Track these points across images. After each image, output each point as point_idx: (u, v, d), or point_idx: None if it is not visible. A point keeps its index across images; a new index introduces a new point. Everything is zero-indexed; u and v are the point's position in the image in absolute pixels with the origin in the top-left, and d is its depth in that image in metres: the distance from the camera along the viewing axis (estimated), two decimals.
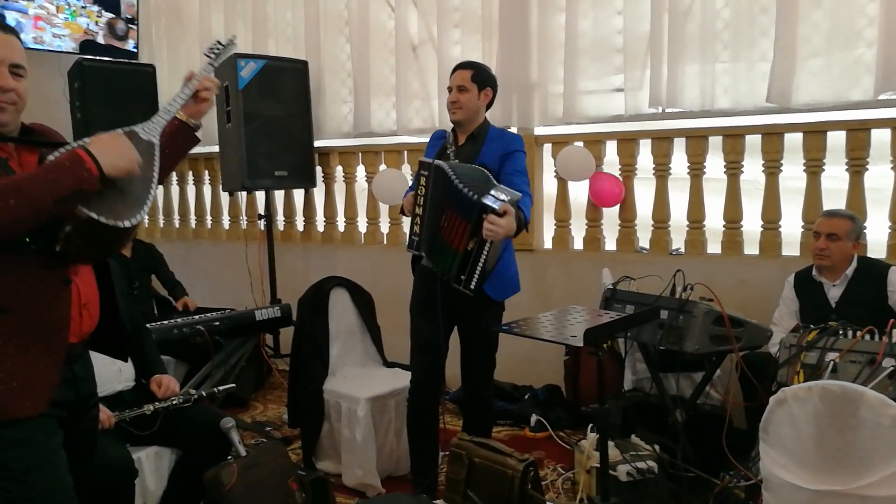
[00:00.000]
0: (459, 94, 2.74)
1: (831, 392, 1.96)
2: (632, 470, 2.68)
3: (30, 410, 1.61)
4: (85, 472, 1.90)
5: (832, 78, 3.32)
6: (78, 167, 1.50)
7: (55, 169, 1.50)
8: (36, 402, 1.62)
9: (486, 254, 2.40)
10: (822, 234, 2.99)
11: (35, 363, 1.61)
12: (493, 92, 2.80)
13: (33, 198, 1.46)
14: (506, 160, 2.68)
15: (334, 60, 4.78)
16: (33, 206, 1.47)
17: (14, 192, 1.46)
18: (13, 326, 1.58)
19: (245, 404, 4.23)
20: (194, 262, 5.43)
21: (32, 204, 1.46)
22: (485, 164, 2.63)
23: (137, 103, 4.86)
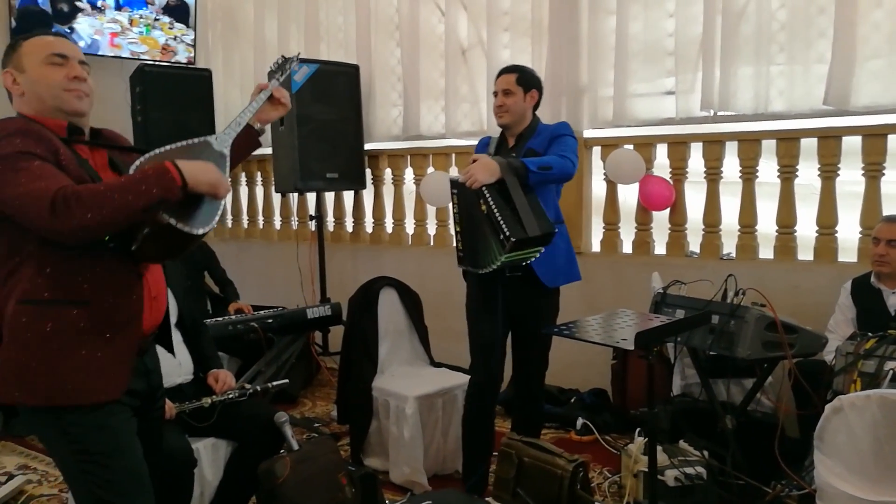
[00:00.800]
0: (505, 98, 2.78)
1: (891, 401, 1.93)
2: (680, 475, 2.67)
3: (108, 395, 1.72)
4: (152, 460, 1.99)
5: (893, 80, 3.23)
6: (165, 178, 1.61)
7: (147, 178, 1.60)
8: (113, 388, 1.72)
9: (492, 200, 2.46)
10: (882, 239, 2.92)
11: (112, 352, 1.72)
12: (538, 93, 2.83)
13: (127, 203, 1.57)
14: (553, 143, 2.72)
15: (384, 64, 4.85)
16: (126, 211, 1.58)
17: (111, 197, 1.57)
18: (92, 318, 1.68)
19: (294, 401, 4.32)
20: (246, 261, 5.57)
21: (126, 209, 1.58)
22: (532, 150, 2.69)
23: (195, 107, 5.03)
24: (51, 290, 1.67)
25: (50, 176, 1.61)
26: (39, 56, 1.74)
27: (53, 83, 1.73)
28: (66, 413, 1.69)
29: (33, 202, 1.56)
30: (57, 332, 1.66)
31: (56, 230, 1.58)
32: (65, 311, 1.67)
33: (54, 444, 1.75)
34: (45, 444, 1.82)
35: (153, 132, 4.76)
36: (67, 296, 1.68)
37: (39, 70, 1.73)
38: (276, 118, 2.03)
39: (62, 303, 1.67)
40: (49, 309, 1.67)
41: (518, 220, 2.48)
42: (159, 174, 1.61)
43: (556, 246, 2.73)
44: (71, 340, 1.67)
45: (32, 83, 1.74)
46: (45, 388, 1.67)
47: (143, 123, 4.82)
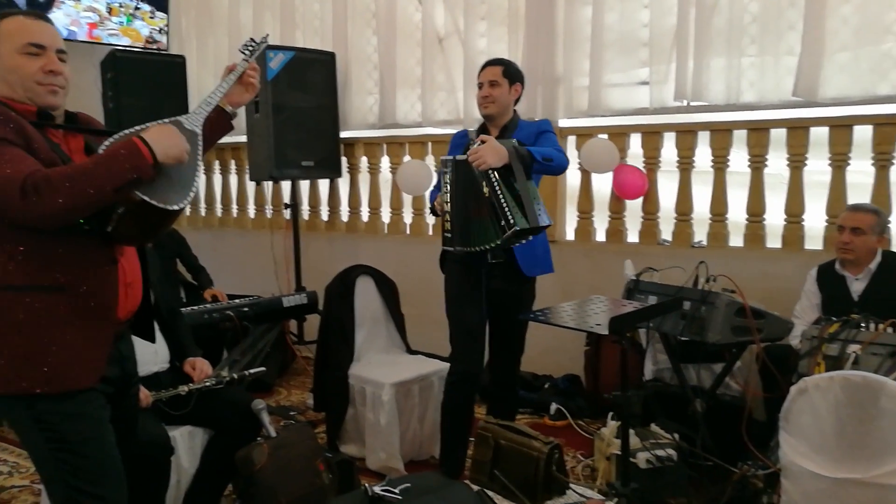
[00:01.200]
0: (492, 89, 2.82)
1: (853, 382, 1.99)
2: (651, 458, 2.73)
3: (83, 383, 1.70)
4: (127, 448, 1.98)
5: (860, 72, 3.31)
6: (135, 156, 1.60)
7: (115, 157, 1.59)
8: (88, 375, 1.71)
9: (498, 185, 2.49)
10: (846, 227, 3.00)
11: (88, 338, 1.70)
12: (521, 87, 2.90)
13: (97, 185, 1.56)
14: (539, 137, 2.82)
15: (361, 52, 4.84)
16: (97, 193, 1.57)
17: (80, 179, 1.56)
18: (68, 303, 1.67)
19: (269, 389, 4.31)
20: (220, 250, 5.53)
21: (98, 190, 1.57)
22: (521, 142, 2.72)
23: (168, 94, 4.96)
24: (24, 276, 1.64)
25: (19, 160, 1.58)
26: (16, 43, 1.69)
27: (27, 75, 1.69)
28: (40, 401, 1.67)
29: (2, 188, 1.54)
30: (31, 318, 1.64)
31: (28, 215, 1.56)
32: (39, 296, 1.65)
33: (27, 433, 1.74)
34: (17, 433, 1.80)
35: (125, 119, 4.68)
36: (42, 281, 1.66)
37: (14, 59, 1.69)
38: (247, 100, 1.98)
39: (36, 289, 1.65)
40: (23, 295, 1.64)
41: (521, 208, 2.52)
42: (130, 152, 1.60)
43: (536, 239, 2.79)
44: (46, 327, 1.65)
45: (5, 70, 1.70)
46: (19, 375, 1.65)
47: (115, 110, 4.75)
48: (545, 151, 2.66)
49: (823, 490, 2.05)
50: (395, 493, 1.68)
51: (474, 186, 2.55)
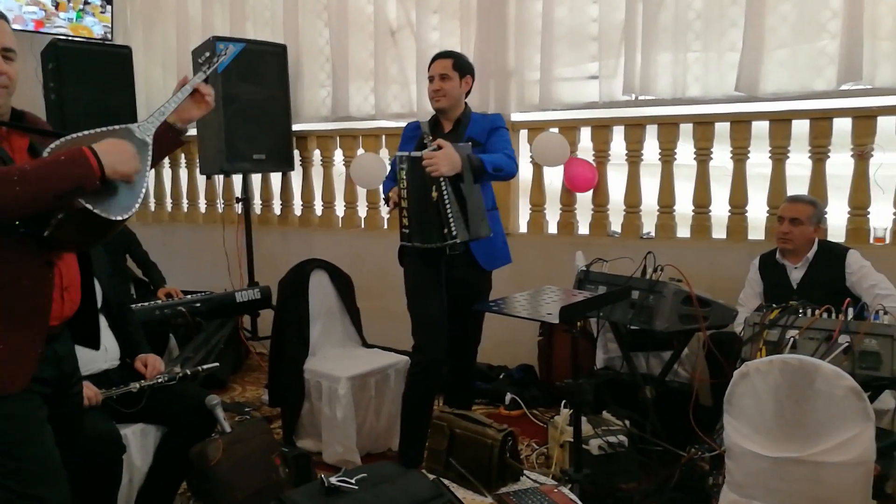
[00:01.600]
0: (442, 83, 2.83)
1: (790, 365, 2.08)
2: (603, 444, 2.80)
3: (12, 387, 1.65)
4: (73, 447, 1.94)
5: (797, 68, 3.45)
6: (82, 165, 1.55)
7: (60, 164, 1.54)
8: (17, 379, 1.65)
9: (447, 194, 2.55)
10: (785, 218, 3.12)
11: (17, 343, 1.65)
12: (472, 80, 2.92)
13: (37, 189, 1.51)
14: (492, 134, 2.84)
15: (313, 44, 4.80)
16: (35, 197, 1.52)
17: (20, 181, 1.50)
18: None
19: (224, 386, 4.26)
20: (171, 245, 5.42)
21: (35, 194, 1.51)
22: (473, 139, 2.77)
23: (114, 86, 4.84)
24: None
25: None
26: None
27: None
28: None
29: None
30: None
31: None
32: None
33: None
34: None
35: (69, 111, 4.57)
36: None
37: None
38: (198, 117, 1.91)
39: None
40: None
41: (465, 220, 2.59)
42: (75, 160, 1.55)
43: (495, 232, 2.85)
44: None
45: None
46: None
47: (58, 102, 4.61)
48: (496, 160, 2.70)
49: (764, 469, 2.13)
50: (351, 483, 1.69)
51: (426, 187, 2.59)
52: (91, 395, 2.31)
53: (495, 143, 2.81)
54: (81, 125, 1.72)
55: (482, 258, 2.88)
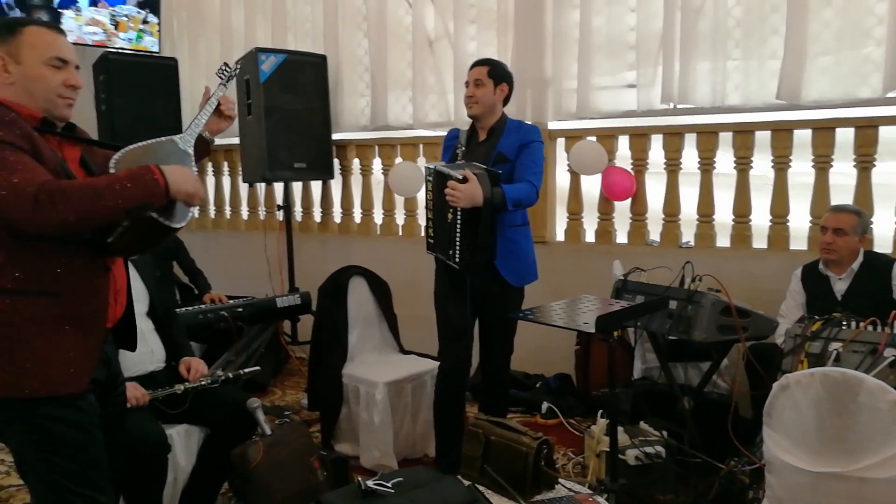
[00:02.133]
0: (476, 89, 2.85)
1: (832, 378, 2.05)
2: (640, 454, 2.79)
3: (78, 387, 1.73)
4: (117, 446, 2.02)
5: (841, 76, 3.39)
6: (151, 185, 1.65)
7: (130, 181, 1.64)
8: (82, 379, 1.74)
9: (459, 223, 2.60)
10: (828, 228, 3.07)
11: (80, 344, 1.73)
12: (508, 88, 2.91)
13: (111, 204, 1.61)
14: (522, 150, 2.81)
15: (352, 55, 4.88)
16: (110, 211, 1.62)
17: (96, 196, 1.60)
18: (62, 310, 1.69)
19: (264, 389, 4.35)
20: (213, 251, 5.55)
21: (109, 209, 1.61)
22: (502, 155, 2.76)
23: (160, 96, 4.99)
24: (22, 280, 1.66)
25: (30, 168, 1.60)
26: (42, 55, 1.72)
27: (50, 87, 1.73)
28: (39, 405, 1.68)
29: (15, 195, 1.55)
30: (28, 322, 1.66)
31: (36, 224, 1.58)
32: (36, 301, 1.67)
33: (20, 436, 1.74)
34: (7, 436, 1.79)
35: (118, 121, 4.72)
36: (38, 287, 1.68)
37: (38, 69, 1.72)
38: (225, 128, 2.06)
39: (34, 293, 1.67)
40: (21, 299, 1.66)
41: (472, 249, 2.67)
42: (146, 180, 1.65)
43: (521, 247, 2.87)
44: (41, 332, 1.67)
45: (28, 79, 1.72)
46: (19, 380, 1.66)
47: (108, 112, 4.78)
48: (518, 195, 2.69)
49: (805, 484, 2.10)
50: (387, 487, 1.72)
51: (445, 205, 2.65)
52: (139, 395, 2.40)
53: (523, 164, 2.78)
54: (130, 135, 1.84)
55: (509, 275, 2.85)
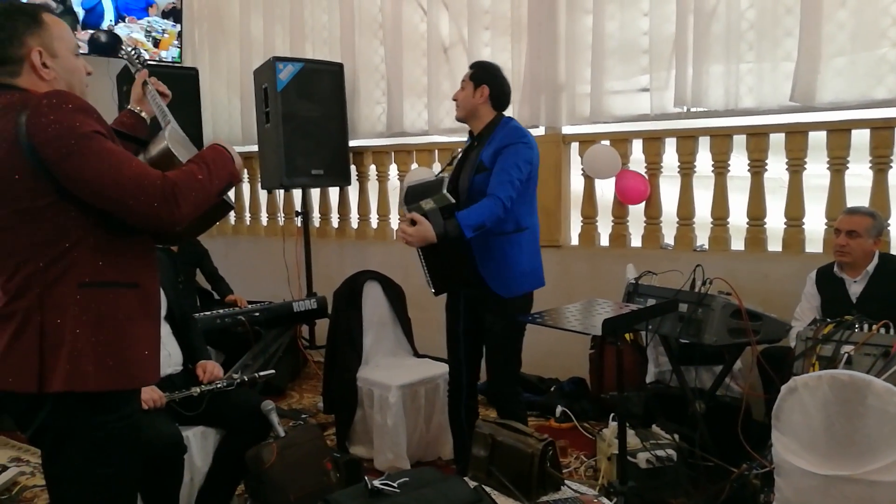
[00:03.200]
0: (459, 92, 2.84)
1: (840, 381, 2.04)
2: (651, 458, 2.79)
3: (153, 378, 1.73)
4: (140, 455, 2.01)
5: (856, 77, 3.36)
6: (229, 163, 1.72)
7: (215, 163, 1.68)
8: (157, 371, 1.74)
9: (421, 257, 2.68)
10: (842, 231, 3.05)
11: (155, 333, 1.73)
12: (489, 89, 2.75)
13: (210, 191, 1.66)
14: (498, 156, 2.68)
15: (368, 62, 4.95)
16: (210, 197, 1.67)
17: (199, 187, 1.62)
18: (140, 300, 1.68)
19: (282, 393, 4.41)
20: (234, 257, 5.65)
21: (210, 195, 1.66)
22: (482, 164, 2.71)
23: (181, 105, 5.05)
24: (109, 273, 1.62)
25: (139, 162, 1.60)
26: (70, 46, 1.69)
27: (83, 79, 1.72)
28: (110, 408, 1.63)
29: (142, 189, 1.53)
30: (122, 313, 1.63)
31: (164, 222, 1.56)
32: (123, 292, 1.64)
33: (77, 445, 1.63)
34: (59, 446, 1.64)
35: None
36: (123, 278, 1.65)
37: (73, 61, 1.69)
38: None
39: (120, 284, 1.64)
40: (113, 290, 1.62)
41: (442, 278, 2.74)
42: (224, 157, 1.70)
43: (508, 256, 2.73)
44: (132, 322, 1.65)
45: (67, 72, 1.67)
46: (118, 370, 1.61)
47: None
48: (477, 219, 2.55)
49: (814, 487, 2.09)
50: (393, 487, 1.76)
51: None
52: (156, 397, 2.46)
53: (495, 173, 2.65)
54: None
55: (495, 284, 2.73)
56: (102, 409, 1.62)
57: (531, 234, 2.80)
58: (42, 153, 1.50)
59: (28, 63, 1.61)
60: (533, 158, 2.73)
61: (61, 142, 1.50)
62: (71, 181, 1.52)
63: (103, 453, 1.65)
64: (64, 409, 1.59)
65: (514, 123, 2.82)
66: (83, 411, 1.60)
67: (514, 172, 2.65)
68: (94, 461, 1.64)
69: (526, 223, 2.78)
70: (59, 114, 1.51)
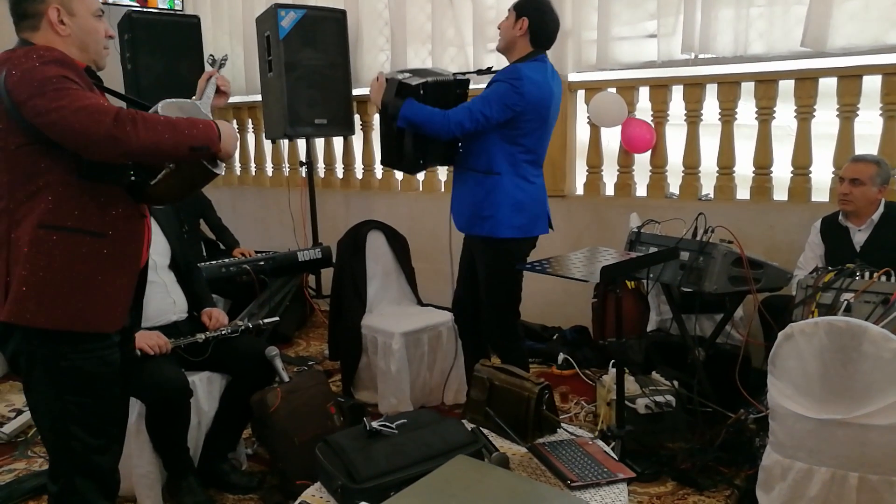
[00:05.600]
0: (502, 21, 2.80)
1: (836, 327, 2.05)
2: (650, 403, 2.84)
3: (112, 326, 1.82)
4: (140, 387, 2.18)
5: (869, 21, 3.27)
6: (211, 132, 1.76)
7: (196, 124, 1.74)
8: (117, 319, 1.83)
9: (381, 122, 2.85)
10: (846, 178, 3.02)
11: (120, 285, 1.82)
12: (528, 21, 2.70)
13: (180, 137, 1.69)
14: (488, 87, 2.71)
15: (371, 9, 4.86)
16: (178, 143, 1.69)
17: (169, 127, 1.68)
18: (109, 249, 1.77)
19: (289, 341, 4.48)
20: (240, 208, 5.67)
21: (178, 141, 1.69)
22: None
23: (184, 54, 5.04)
24: (73, 218, 1.72)
25: (103, 98, 1.68)
26: (90, 6, 1.79)
27: (100, 39, 1.81)
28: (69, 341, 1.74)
29: (95, 115, 1.60)
30: (78, 258, 1.72)
31: (113, 140, 1.61)
32: (86, 239, 1.74)
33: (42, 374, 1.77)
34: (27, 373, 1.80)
35: (143, 79, 4.80)
36: (87, 226, 1.74)
37: (91, 21, 1.79)
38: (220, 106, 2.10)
39: (83, 232, 1.73)
40: (73, 236, 1.72)
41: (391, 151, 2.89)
42: (208, 126, 1.76)
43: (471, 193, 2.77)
44: (91, 269, 1.74)
45: (83, 31, 1.78)
46: (58, 312, 1.71)
47: (133, 70, 4.85)
48: (420, 117, 2.64)
49: (808, 430, 2.12)
50: (391, 428, 1.80)
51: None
52: (161, 343, 2.50)
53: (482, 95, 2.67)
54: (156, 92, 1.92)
55: (455, 217, 2.87)
56: (63, 341, 1.74)
57: (510, 183, 2.71)
58: (12, 96, 1.62)
59: (46, 19, 1.74)
60: (516, 104, 2.63)
61: (28, 84, 1.61)
62: (36, 118, 1.61)
63: (68, 382, 1.77)
64: (29, 337, 1.74)
65: (537, 65, 2.72)
66: (47, 341, 1.74)
67: (480, 105, 2.64)
68: (59, 388, 1.77)
69: (499, 169, 2.71)
70: (30, 62, 1.63)
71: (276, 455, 2.61)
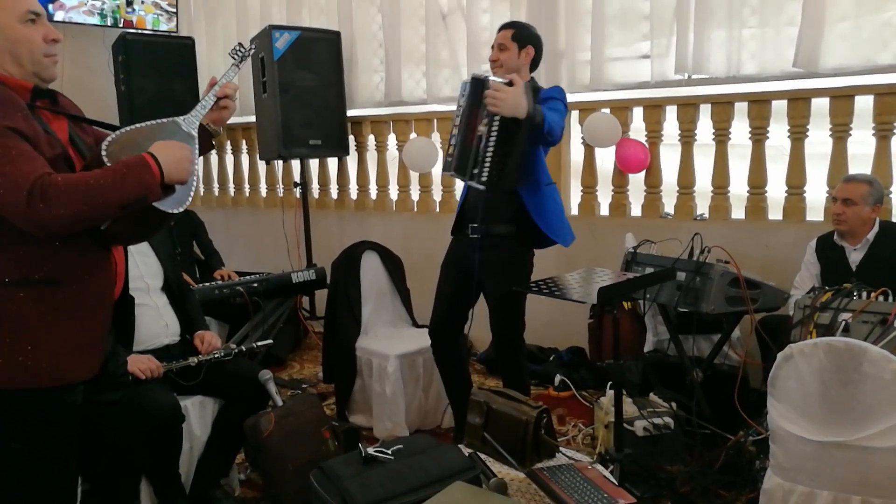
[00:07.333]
0: (500, 53, 2.78)
1: (836, 348, 2.03)
2: (648, 425, 2.80)
3: (83, 375, 1.69)
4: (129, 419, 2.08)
5: (860, 42, 3.30)
6: (146, 174, 1.58)
7: (125, 174, 1.57)
8: (89, 367, 1.71)
9: (495, 134, 2.37)
10: (838, 199, 3.02)
11: (85, 330, 1.69)
12: (534, 51, 2.79)
13: (105, 200, 1.55)
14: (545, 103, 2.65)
15: (366, 30, 4.88)
16: (103, 208, 1.56)
17: (89, 192, 1.53)
18: (64, 297, 1.64)
19: (282, 363, 4.44)
20: (234, 229, 5.65)
21: (103, 205, 1.55)
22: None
23: (178, 75, 5.05)
24: (21, 270, 1.60)
25: (27, 159, 1.52)
26: (16, 12, 1.60)
27: (35, 48, 1.62)
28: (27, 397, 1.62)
29: (11, 190, 1.48)
30: (30, 311, 1.60)
31: (30, 220, 1.51)
32: (37, 290, 1.61)
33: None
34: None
35: (137, 100, 4.80)
36: (38, 275, 1.61)
37: (19, 29, 1.60)
38: (224, 120, 1.93)
39: (34, 282, 1.61)
40: (21, 289, 1.60)
41: (502, 170, 2.45)
42: (141, 169, 1.57)
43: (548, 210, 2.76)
44: (44, 320, 1.61)
45: (11, 43, 1.60)
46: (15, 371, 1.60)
47: (127, 92, 4.85)
48: (553, 122, 2.52)
49: (809, 453, 2.10)
50: (387, 454, 1.77)
51: (477, 114, 2.48)
52: (153, 367, 2.46)
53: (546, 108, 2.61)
54: (149, 114, 1.80)
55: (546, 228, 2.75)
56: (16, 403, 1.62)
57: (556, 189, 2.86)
58: None
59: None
60: None
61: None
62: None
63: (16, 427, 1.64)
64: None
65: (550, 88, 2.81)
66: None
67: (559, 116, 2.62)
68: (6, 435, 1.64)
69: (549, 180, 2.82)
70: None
71: (270, 481, 2.56)
